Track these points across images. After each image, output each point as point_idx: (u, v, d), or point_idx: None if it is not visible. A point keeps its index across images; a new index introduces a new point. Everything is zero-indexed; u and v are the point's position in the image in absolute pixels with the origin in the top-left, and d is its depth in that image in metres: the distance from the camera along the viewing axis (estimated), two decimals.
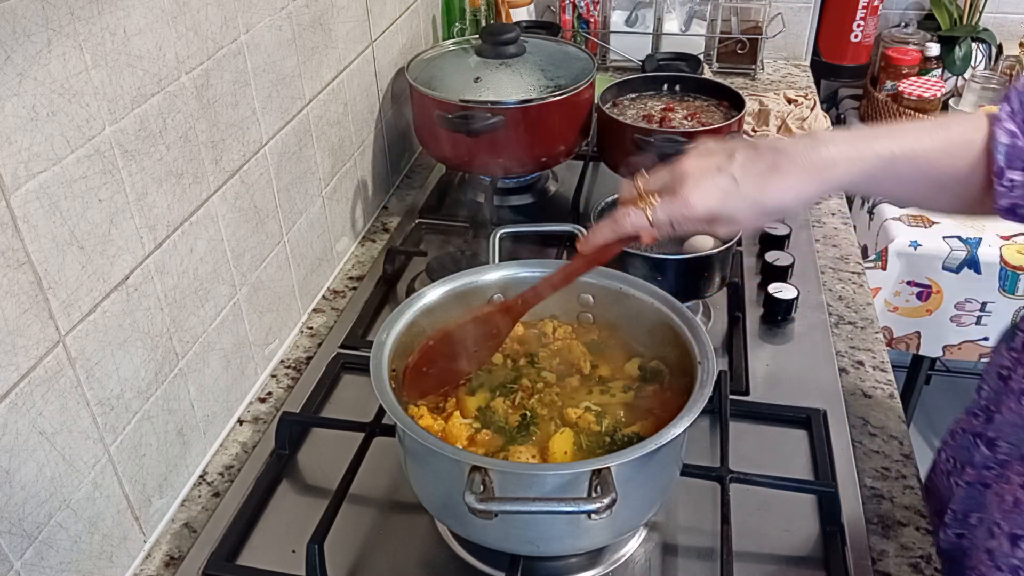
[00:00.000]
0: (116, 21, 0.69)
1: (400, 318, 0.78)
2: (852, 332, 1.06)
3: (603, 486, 0.60)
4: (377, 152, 1.31)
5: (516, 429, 0.74)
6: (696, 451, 0.87)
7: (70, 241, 0.66)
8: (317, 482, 0.86)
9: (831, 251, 1.23)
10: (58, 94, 0.63)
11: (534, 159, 1.26)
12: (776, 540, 0.79)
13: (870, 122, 1.96)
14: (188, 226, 0.82)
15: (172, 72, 0.77)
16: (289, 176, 1.02)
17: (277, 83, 0.96)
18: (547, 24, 1.68)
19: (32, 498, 0.65)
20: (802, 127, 1.51)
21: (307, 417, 0.91)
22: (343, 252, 1.22)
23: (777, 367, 0.99)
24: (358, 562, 0.78)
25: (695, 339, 0.75)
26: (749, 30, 1.83)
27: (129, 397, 0.75)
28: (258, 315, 0.97)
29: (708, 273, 0.99)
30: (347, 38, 1.15)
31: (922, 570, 0.77)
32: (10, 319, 0.61)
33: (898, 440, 0.91)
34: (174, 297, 0.80)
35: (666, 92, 1.40)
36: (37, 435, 0.65)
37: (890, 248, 1.62)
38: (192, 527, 0.83)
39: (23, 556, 0.64)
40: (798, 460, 0.87)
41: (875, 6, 1.96)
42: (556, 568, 0.77)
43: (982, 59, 1.98)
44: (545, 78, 1.22)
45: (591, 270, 0.78)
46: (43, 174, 0.62)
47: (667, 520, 0.81)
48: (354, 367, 1.00)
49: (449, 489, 0.66)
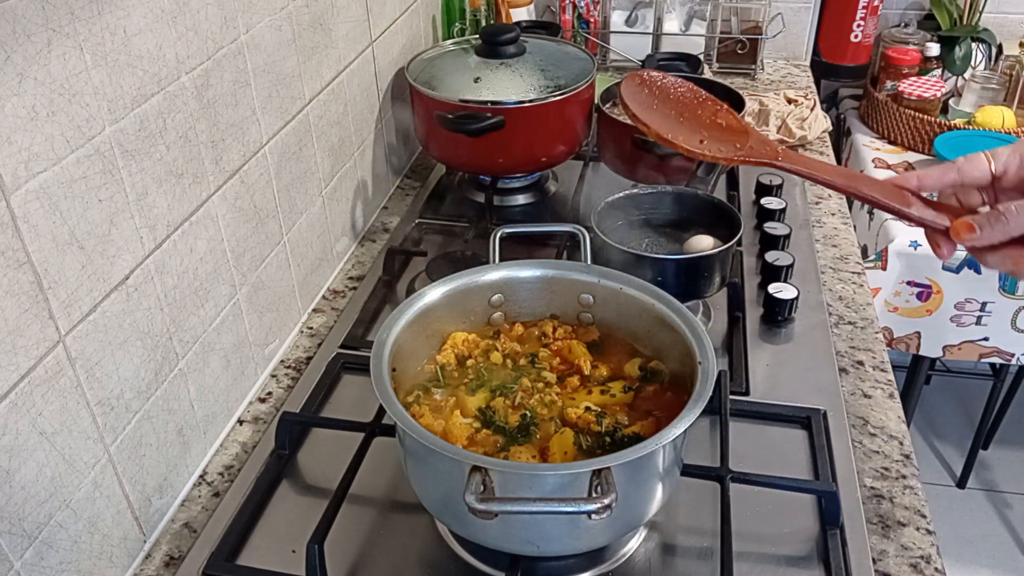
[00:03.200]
0: (116, 21, 0.69)
1: (400, 318, 0.78)
2: (852, 332, 1.06)
3: (603, 486, 0.60)
4: (377, 152, 1.31)
5: (516, 429, 0.74)
6: (696, 451, 0.87)
7: (70, 241, 0.66)
8: (317, 482, 0.86)
9: (831, 251, 1.23)
10: (58, 94, 0.63)
11: (534, 159, 1.26)
12: (776, 540, 0.79)
13: (870, 122, 1.96)
14: (188, 226, 0.82)
15: (172, 72, 0.77)
16: (289, 176, 1.02)
17: (277, 83, 0.96)
18: (547, 24, 1.68)
19: (32, 498, 0.65)
20: (802, 127, 1.51)
21: (307, 417, 0.91)
22: (343, 252, 1.22)
23: (777, 367, 0.99)
24: (358, 562, 0.78)
25: (695, 339, 0.75)
26: (749, 30, 1.83)
27: (129, 397, 0.75)
28: (258, 315, 0.97)
29: (708, 273, 0.99)
30: (347, 38, 1.15)
31: (922, 570, 0.77)
32: (10, 319, 0.61)
33: (898, 440, 0.91)
34: (174, 297, 0.80)
35: None
36: (37, 435, 0.65)
37: (890, 248, 1.62)
38: (192, 527, 0.83)
39: (23, 556, 0.64)
40: (798, 460, 0.87)
41: (875, 6, 1.96)
42: (556, 568, 0.77)
43: (982, 59, 1.97)
44: (545, 78, 1.22)
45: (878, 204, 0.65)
46: (43, 174, 0.62)
47: (667, 520, 0.81)
48: (354, 367, 1.00)
49: (449, 489, 0.66)
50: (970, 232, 0.60)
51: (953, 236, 0.62)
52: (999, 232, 0.59)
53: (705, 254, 0.97)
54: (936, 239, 0.64)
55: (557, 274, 0.86)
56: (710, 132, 0.72)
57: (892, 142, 1.90)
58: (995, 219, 0.59)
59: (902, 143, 1.88)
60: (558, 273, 0.86)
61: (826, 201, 1.35)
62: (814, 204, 1.34)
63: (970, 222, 0.60)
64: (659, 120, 0.73)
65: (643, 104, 0.74)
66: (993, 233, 0.60)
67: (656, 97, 0.74)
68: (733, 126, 0.72)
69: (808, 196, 1.36)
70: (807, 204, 1.33)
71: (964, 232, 0.61)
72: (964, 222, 0.61)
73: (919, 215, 0.64)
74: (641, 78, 0.77)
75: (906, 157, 1.85)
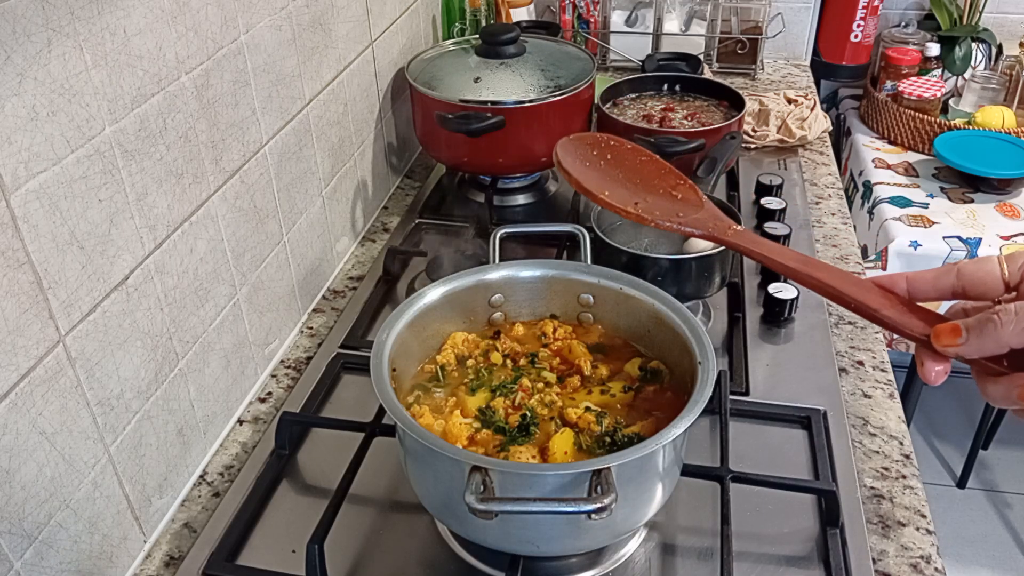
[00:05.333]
0: (116, 21, 0.69)
1: (400, 318, 0.78)
2: (852, 332, 1.06)
3: (603, 486, 0.60)
4: (377, 152, 1.31)
5: (516, 429, 0.74)
6: (696, 451, 0.87)
7: (70, 241, 0.66)
8: (317, 482, 0.86)
9: (831, 251, 1.23)
10: (58, 94, 0.63)
11: (534, 159, 1.26)
12: (776, 540, 0.79)
13: (870, 122, 1.96)
14: (188, 226, 0.82)
15: (172, 72, 0.77)
16: (289, 176, 1.02)
17: (277, 83, 0.96)
18: (547, 24, 1.68)
19: (32, 498, 0.65)
20: (802, 127, 1.51)
21: (307, 417, 0.91)
22: (343, 252, 1.22)
23: (777, 367, 0.99)
24: (358, 562, 0.78)
25: (695, 339, 0.75)
26: (749, 30, 1.83)
27: (129, 397, 0.75)
28: (258, 315, 0.97)
29: (708, 273, 0.99)
30: (347, 38, 1.15)
31: (922, 570, 0.77)
32: (10, 319, 0.61)
33: (898, 440, 0.91)
34: (174, 297, 0.80)
35: (666, 92, 1.40)
36: (37, 435, 0.65)
37: (890, 248, 1.62)
38: (192, 527, 0.83)
39: (23, 556, 0.64)
40: (798, 460, 0.87)
41: (875, 6, 1.96)
42: (556, 568, 0.77)
43: (982, 59, 1.98)
44: (545, 78, 1.22)
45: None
46: (43, 174, 0.62)
47: (667, 520, 0.81)
48: (354, 367, 1.00)
49: (449, 489, 0.66)
50: (954, 336, 0.47)
51: (934, 341, 0.48)
52: (990, 340, 0.46)
53: (705, 254, 0.97)
54: (921, 355, 0.50)
55: (557, 274, 0.86)
56: (657, 199, 0.67)
57: (892, 142, 1.90)
58: (985, 321, 0.46)
59: (902, 143, 1.88)
60: (558, 273, 0.86)
61: (826, 201, 1.35)
62: (814, 204, 1.34)
63: (957, 324, 0.47)
64: (594, 176, 0.69)
65: (584, 157, 0.71)
66: (982, 341, 0.46)
67: (604, 158, 0.71)
68: (689, 199, 0.67)
69: (808, 196, 1.36)
70: (807, 204, 1.33)
71: (946, 337, 0.47)
72: (949, 325, 0.48)
73: (896, 319, 0.50)
74: (596, 139, 0.73)
75: (906, 157, 1.85)
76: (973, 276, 0.49)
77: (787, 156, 1.49)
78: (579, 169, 0.70)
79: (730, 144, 1.21)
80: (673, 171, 0.70)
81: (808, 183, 1.40)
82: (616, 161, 0.71)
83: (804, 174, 1.42)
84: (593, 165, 0.70)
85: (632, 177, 0.69)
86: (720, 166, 1.16)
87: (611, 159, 0.71)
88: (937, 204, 1.70)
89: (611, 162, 0.71)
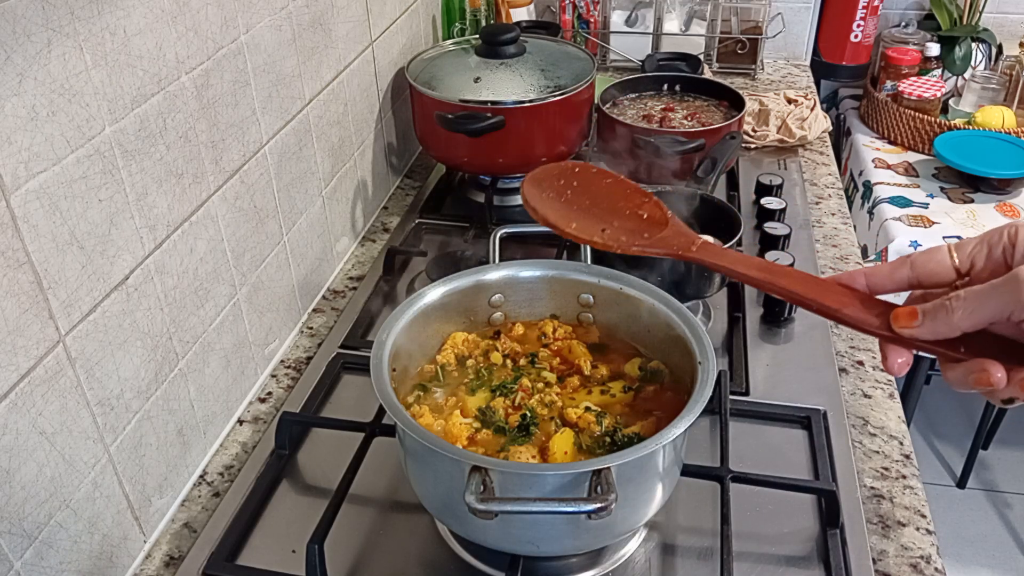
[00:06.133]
0: (116, 21, 0.69)
1: (400, 318, 0.78)
2: (852, 332, 1.06)
3: (603, 486, 0.60)
4: (377, 152, 1.31)
5: (516, 429, 0.74)
6: (696, 451, 0.87)
7: (70, 241, 0.66)
8: (317, 482, 0.86)
9: (831, 251, 1.23)
10: (58, 94, 0.63)
11: (534, 159, 1.26)
12: (776, 540, 0.79)
13: (870, 122, 1.96)
14: (188, 226, 0.82)
15: (172, 72, 0.77)
16: (289, 176, 1.02)
17: (277, 83, 0.96)
18: (547, 24, 1.68)
19: (32, 498, 0.65)
20: (802, 127, 1.51)
21: (307, 417, 0.91)
22: (343, 252, 1.22)
23: (777, 367, 0.99)
24: (358, 562, 0.78)
25: (695, 339, 0.75)
26: (749, 30, 1.83)
27: (129, 397, 0.75)
28: (258, 315, 0.97)
29: (708, 273, 0.99)
30: (347, 38, 1.15)
31: (922, 570, 0.77)
32: (10, 319, 0.61)
33: (898, 440, 0.91)
34: (174, 297, 0.80)
35: (666, 92, 1.40)
36: (37, 435, 0.65)
37: (890, 248, 1.62)
38: (192, 527, 0.83)
39: (23, 556, 0.64)
40: (798, 460, 0.87)
41: (875, 6, 1.96)
42: (556, 568, 0.77)
43: (982, 59, 1.98)
44: (545, 78, 1.22)
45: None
46: (43, 174, 0.62)
47: (667, 520, 0.81)
48: (354, 367, 1.00)
49: (449, 489, 0.66)
50: (911, 319, 0.50)
51: (893, 322, 0.51)
52: (942, 323, 0.49)
53: None
54: (883, 348, 0.53)
55: (557, 274, 0.86)
56: (623, 223, 0.69)
57: (892, 142, 1.90)
58: (939, 307, 0.49)
59: (902, 143, 1.88)
60: (558, 273, 0.86)
61: (826, 201, 1.35)
62: (814, 204, 1.34)
63: (915, 308, 0.50)
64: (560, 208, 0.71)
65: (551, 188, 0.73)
66: (936, 324, 0.49)
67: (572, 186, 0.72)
68: (654, 217, 0.68)
69: (808, 196, 1.36)
70: (807, 204, 1.33)
71: (904, 319, 0.50)
72: (907, 308, 0.50)
73: (855, 316, 0.52)
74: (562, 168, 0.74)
75: (906, 157, 1.85)
76: (925, 266, 0.52)
77: (787, 156, 1.49)
78: (545, 204, 0.71)
79: (730, 144, 1.21)
80: (638, 190, 0.71)
81: (808, 183, 1.40)
82: (583, 187, 0.72)
83: (804, 174, 1.42)
84: (560, 195, 0.72)
85: (599, 202, 0.71)
86: (720, 166, 1.16)
87: (577, 186, 0.72)
88: (937, 204, 1.70)
89: (577, 189, 0.72)
